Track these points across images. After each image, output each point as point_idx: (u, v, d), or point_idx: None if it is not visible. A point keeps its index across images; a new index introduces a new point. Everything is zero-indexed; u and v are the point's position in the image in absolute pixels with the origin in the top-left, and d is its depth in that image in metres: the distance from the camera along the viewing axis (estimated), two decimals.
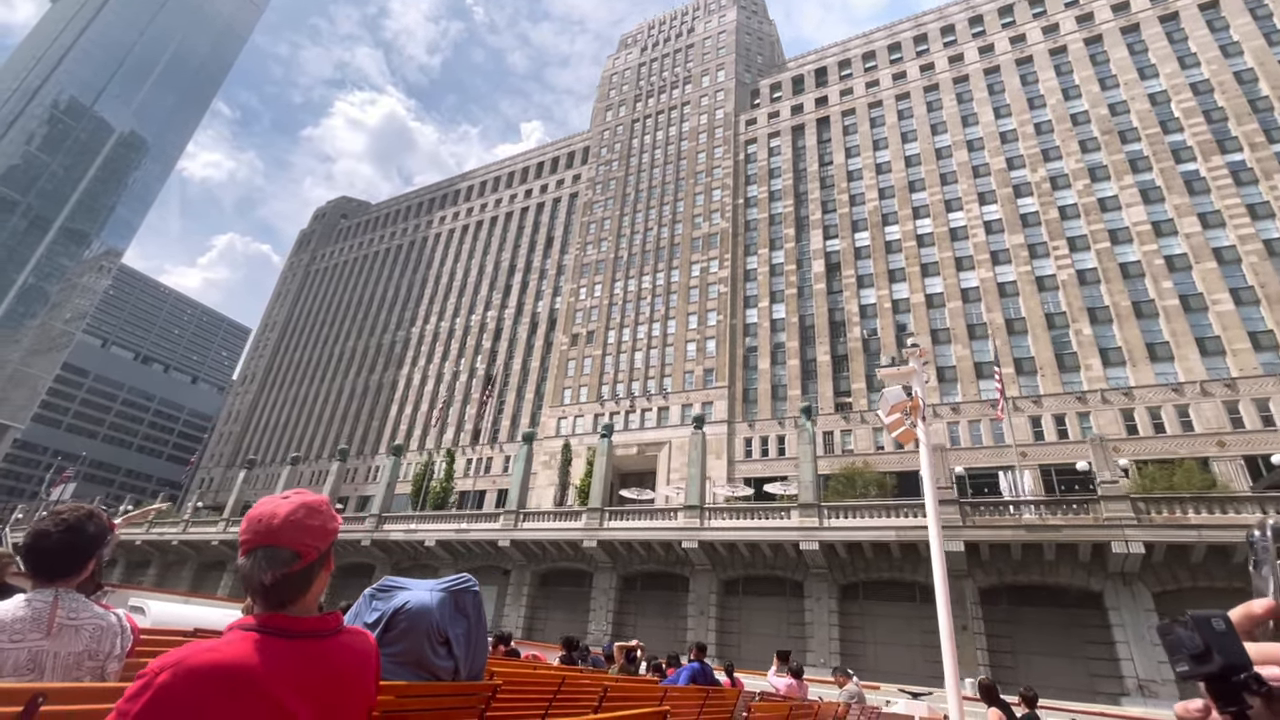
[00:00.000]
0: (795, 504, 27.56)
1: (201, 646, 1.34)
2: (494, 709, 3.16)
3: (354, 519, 42.73)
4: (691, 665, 8.62)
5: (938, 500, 9.15)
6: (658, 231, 72.46)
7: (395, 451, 44.16)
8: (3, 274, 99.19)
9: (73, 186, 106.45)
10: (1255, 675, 0.75)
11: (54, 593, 2.14)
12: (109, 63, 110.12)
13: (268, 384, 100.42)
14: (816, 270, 60.44)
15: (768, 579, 29.53)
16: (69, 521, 2.21)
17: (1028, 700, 8.60)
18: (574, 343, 70.61)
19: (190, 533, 49.86)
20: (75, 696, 1.84)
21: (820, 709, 9.34)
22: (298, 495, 1.57)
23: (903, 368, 10.20)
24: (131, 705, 1.22)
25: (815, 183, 65.46)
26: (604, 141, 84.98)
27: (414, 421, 79.37)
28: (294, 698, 1.37)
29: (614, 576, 32.71)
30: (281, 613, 1.48)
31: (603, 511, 32.78)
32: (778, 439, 54.40)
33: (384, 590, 3.00)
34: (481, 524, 36.29)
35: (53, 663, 2.05)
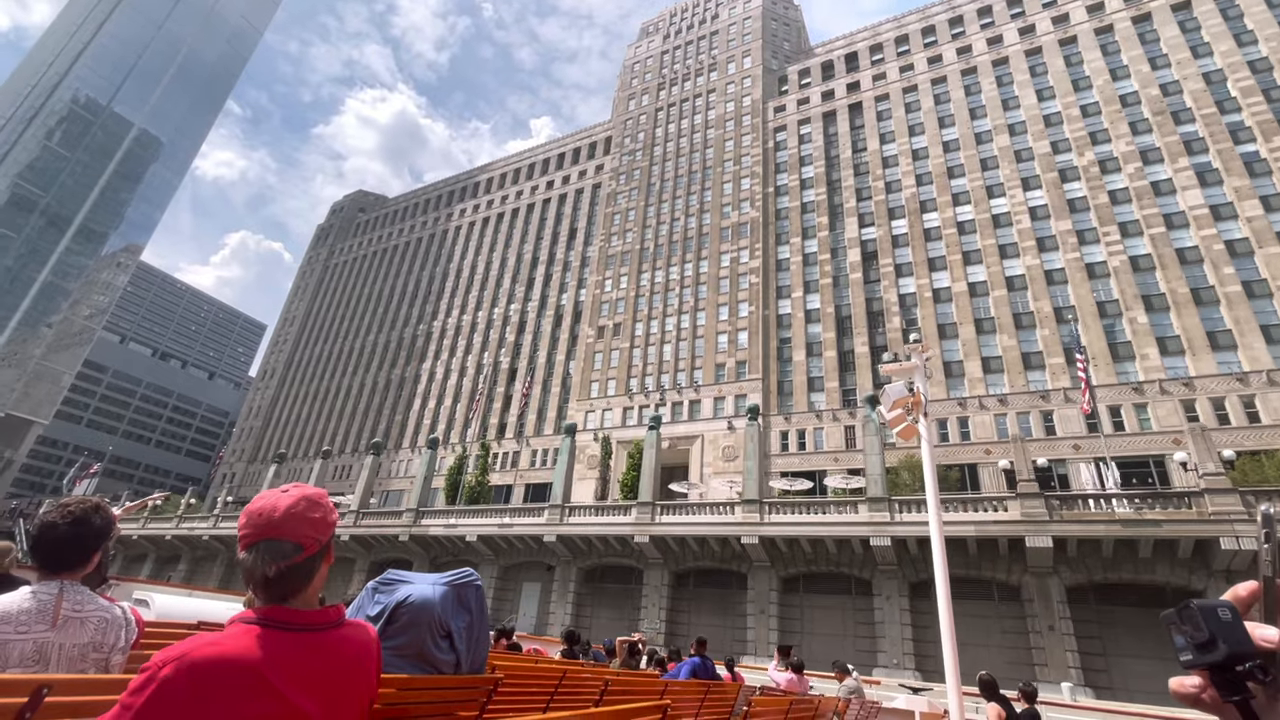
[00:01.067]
0: (862, 498, 26.34)
1: (204, 640, 1.33)
2: (495, 702, 3.15)
3: (389, 513, 41.95)
4: (692, 660, 8.71)
5: (939, 497, 9.02)
6: (684, 221, 71.12)
7: (431, 445, 43.29)
8: (24, 271, 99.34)
9: (91, 185, 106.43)
10: (1260, 664, 0.75)
11: (59, 585, 2.13)
12: (122, 65, 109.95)
13: (288, 379, 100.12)
14: (852, 259, 58.93)
15: (831, 576, 28.31)
16: (75, 514, 2.19)
17: (1027, 696, 8.63)
18: (600, 335, 69.52)
19: (221, 528, 49.28)
20: (80, 688, 1.82)
21: (821, 704, 9.31)
22: (297, 488, 1.56)
23: (905, 363, 10.18)
24: (135, 699, 1.22)
25: (849, 170, 63.85)
26: (626, 131, 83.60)
27: (437, 416, 78.66)
28: (296, 690, 1.36)
29: (665, 573, 31.60)
30: (283, 606, 1.47)
31: (654, 506, 31.66)
32: (814, 432, 53.10)
33: (386, 584, 3.00)
34: (525, 519, 35.28)
35: (58, 654, 2.05)
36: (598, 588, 34.66)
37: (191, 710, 1.24)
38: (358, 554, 43.07)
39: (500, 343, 79.44)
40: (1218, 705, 0.80)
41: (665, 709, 3.46)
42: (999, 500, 24.75)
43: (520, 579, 37.20)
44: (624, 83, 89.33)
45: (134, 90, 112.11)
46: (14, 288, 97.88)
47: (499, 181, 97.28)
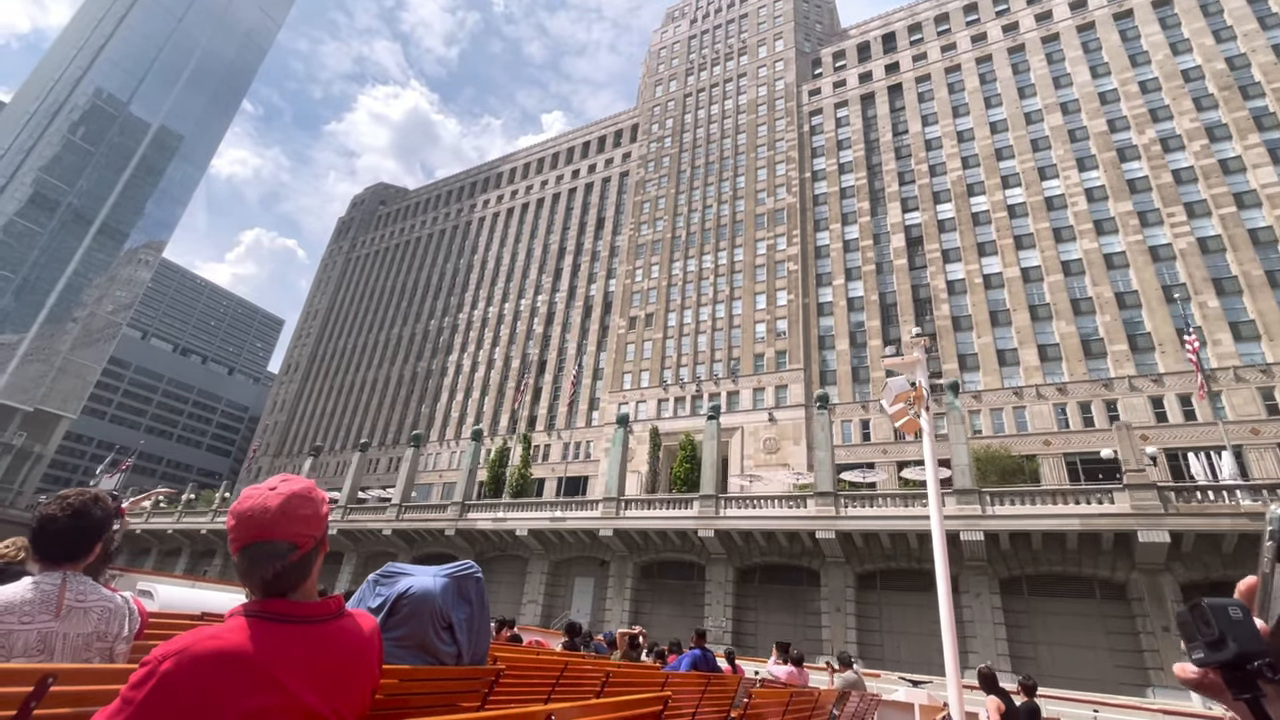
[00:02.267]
0: (948, 490, 24.88)
1: (205, 633, 1.33)
2: (497, 694, 3.12)
3: (433, 507, 40.93)
4: (693, 652, 8.71)
5: (940, 490, 9.03)
6: (717, 209, 69.46)
7: (475, 436, 42.19)
8: (49, 268, 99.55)
9: (113, 182, 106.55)
10: (1269, 662, 0.75)
11: (62, 575, 2.14)
12: (140, 65, 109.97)
13: (312, 373, 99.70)
14: (896, 245, 57.12)
15: (911, 572, 26.85)
16: (75, 506, 2.19)
17: (1026, 689, 8.66)
18: (632, 326, 68.19)
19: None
20: (84, 677, 1.83)
21: (821, 696, 9.32)
22: (285, 484, 1.52)
23: (907, 358, 10.18)
24: (136, 693, 1.22)
25: (889, 153, 61.89)
26: (654, 118, 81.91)
27: (465, 409, 77.77)
28: (297, 681, 1.37)
29: (729, 569, 30.28)
30: (282, 599, 1.46)
31: (717, 499, 30.30)
32: (861, 424, 51.55)
33: (387, 576, 2.99)
34: (579, 512, 34.07)
35: (62, 644, 2.06)
36: (656, 584, 33.43)
37: (193, 704, 1.22)
38: (400, 549, 42.14)
39: (528, 335, 78.32)
40: (1220, 689, 0.80)
41: (666, 700, 3.42)
42: (1104, 492, 23.19)
43: (572, 574, 36.07)
44: (650, 69, 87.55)
45: (152, 89, 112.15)
46: (39, 284, 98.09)
47: (522, 172, 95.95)
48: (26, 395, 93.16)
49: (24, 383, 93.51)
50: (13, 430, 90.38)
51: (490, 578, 39.69)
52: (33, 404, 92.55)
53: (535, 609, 35.05)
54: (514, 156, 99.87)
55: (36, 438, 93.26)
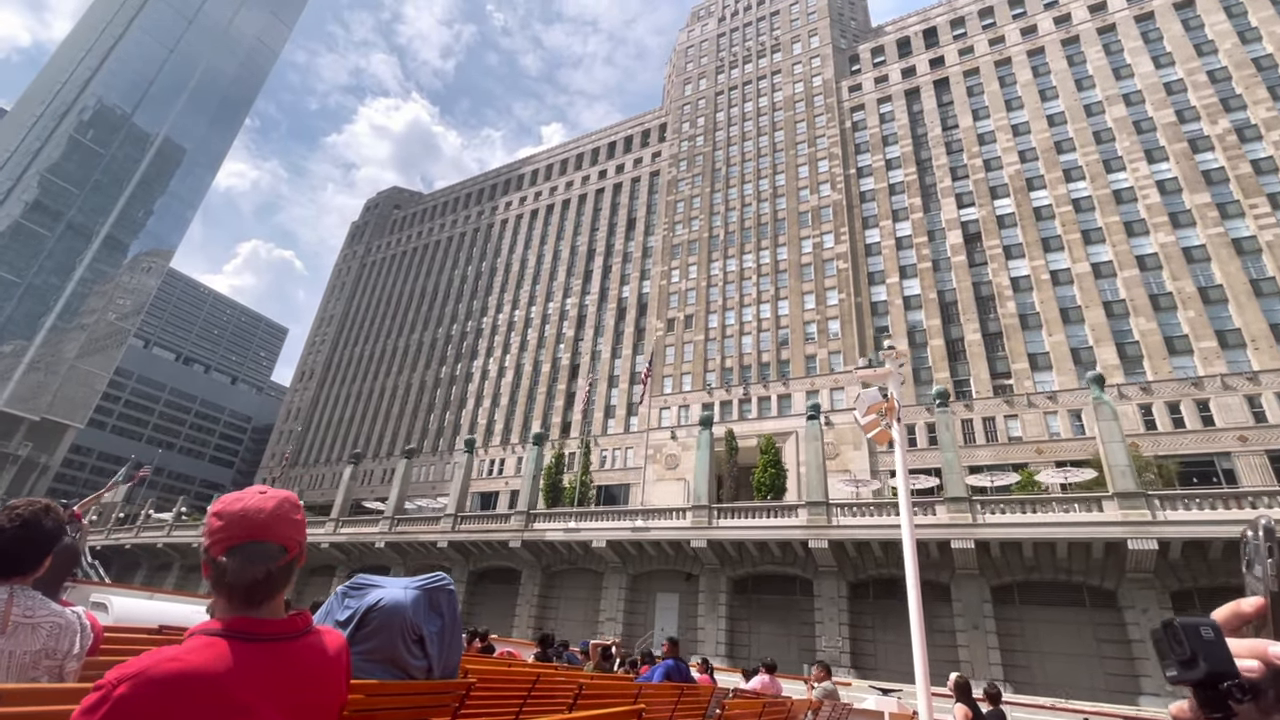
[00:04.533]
0: (1104, 493, 22.53)
1: (164, 655, 1.25)
2: (468, 707, 3.10)
3: (494, 518, 38.26)
4: (666, 663, 8.64)
5: (911, 497, 9.11)
6: (756, 206, 67.44)
7: (537, 440, 39.59)
8: (54, 274, 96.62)
9: (116, 192, 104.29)
10: (1239, 684, 0.76)
11: (9, 590, 2.05)
12: (140, 80, 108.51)
13: (328, 380, 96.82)
14: (953, 241, 55.12)
15: (1059, 585, 24.46)
16: (24, 517, 2.08)
17: (991, 697, 8.74)
18: (670, 328, 65.88)
19: None
20: (32, 698, 1.77)
21: (793, 705, 9.28)
22: (272, 491, 1.50)
23: (879, 369, 10.40)
24: (88, 718, 1.15)
25: (940, 148, 60.05)
26: (684, 116, 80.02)
27: (493, 416, 75.10)
28: (265, 704, 1.31)
29: (841, 583, 27.77)
30: (249, 615, 1.40)
31: (828, 506, 27.81)
32: (926, 426, 49.17)
33: (357, 588, 2.91)
34: (664, 521, 31.49)
35: (7, 662, 1.97)
36: (752, 600, 30.83)
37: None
38: (454, 562, 39.38)
39: (558, 338, 75.85)
40: None
41: (639, 713, 3.32)
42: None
43: (653, 589, 33.45)
44: (678, 67, 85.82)
45: (156, 103, 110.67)
46: (44, 291, 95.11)
47: (545, 173, 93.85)
48: (32, 404, 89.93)
49: (30, 392, 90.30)
50: (18, 440, 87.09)
51: (559, 593, 37.03)
52: (39, 413, 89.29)
53: (615, 628, 32.38)
54: (535, 158, 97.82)
55: (42, 448, 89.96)
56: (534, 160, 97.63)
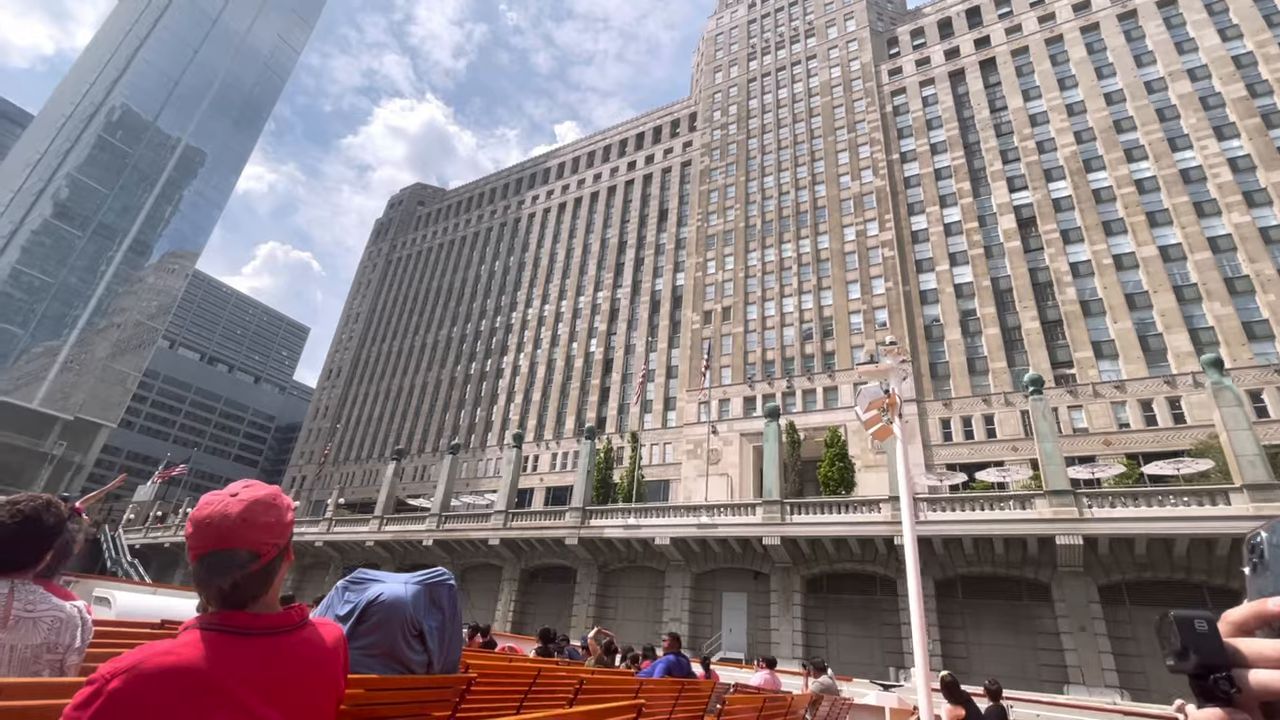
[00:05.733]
0: (1230, 485, 20.85)
1: (156, 649, 1.26)
2: (468, 702, 3.10)
3: (547, 514, 37.11)
4: (667, 658, 8.67)
5: (913, 495, 9.01)
6: (794, 195, 65.69)
7: (589, 435, 38.39)
8: (84, 275, 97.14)
9: (142, 195, 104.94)
10: (1228, 676, 0.78)
11: (9, 584, 2.06)
12: (162, 89, 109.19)
13: (356, 377, 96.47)
14: (1005, 227, 53.11)
15: (1175, 585, 22.75)
16: (25, 512, 2.11)
17: (991, 693, 8.62)
18: (707, 320, 64.39)
19: (335, 533, 45.00)
20: (34, 691, 1.80)
21: (793, 700, 9.21)
22: (248, 491, 1.46)
23: (880, 365, 10.21)
24: (82, 713, 1.16)
25: (988, 131, 57.95)
26: (715, 105, 78.36)
27: (525, 412, 74.11)
28: (257, 699, 1.31)
29: (927, 581, 26.23)
30: (241, 610, 1.40)
31: (914, 500, 26.26)
32: (984, 418, 47.41)
33: (357, 582, 2.95)
34: (733, 517, 30.10)
35: (9, 656, 1.98)
36: (829, 600, 29.38)
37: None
38: (505, 560, 38.28)
39: (590, 332, 74.66)
40: None
41: (640, 708, 3.31)
42: None
43: (718, 589, 32.12)
44: (707, 55, 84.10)
45: (178, 107, 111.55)
46: (74, 293, 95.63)
47: (572, 166, 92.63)
48: (65, 404, 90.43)
49: (62, 392, 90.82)
50: (53, 440, 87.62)
51: (617, 592, 35.80)
52: (72, 413, 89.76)
53: (680, 629, 31.11)
54: (561, 151, 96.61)
55: (76, 447, 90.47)
56: (560, 153, 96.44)
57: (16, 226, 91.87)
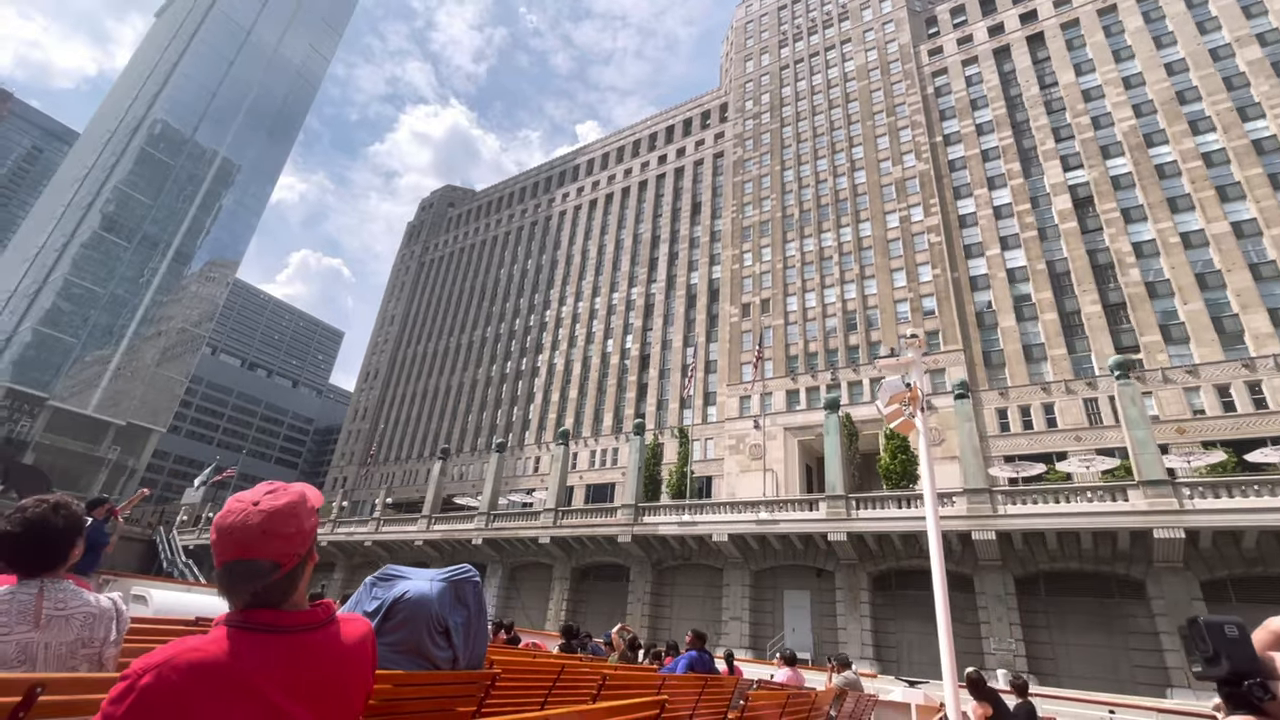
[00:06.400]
0: None
1: (186, 645, 1.30)
2: (493, 697, 3.15)
3: (598, 511, 36.66)
4: (689, 654, 8.62)
5: (936, 490, 8.66)
6: (832, 182, 64.09)
7: (637, 430, 37.85)
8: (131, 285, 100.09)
9: (184, 207, 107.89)
10: (1260, 683, 0.77)
11: (39, 584, 2.11)
12: (198, 104, 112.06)
13: (393, 379, 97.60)
14: (1060, 207, 50.91)
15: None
16: (31, 518, 2.16)
17: (1018, 688, 8.52)
18: (746, 313, 63.26)
19: (384, 533, 45.26)
20: (73, 686, 1.84)
21: (817, 697, 9.16)
22: (269, 499, 1.46)
23: (902, 358, 10.19)
24: (116, 708, 1.21)
25: (1038, 108, 55.64)
26: (747, 94, 77.01)
27: (562, 410, 73.90)
28: (285, 695, 1.35)
29: (1007, 577, 24.98)
30: (268, 608, 1.43)
31: (990, 493, 24.99)
32: (1043, 407, 45.48)
33: (384, 579, 2.99)
34: (795, 513, 29.17)
35: (44, 654, 2.04)
36: (896, 597, 28.28)
37: (174, 718, 1.21)
38: (556, 559, 37.91)
39: (625, 329, 74.09)
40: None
41: (663, 704, 3.39)
42: None
43: (778, 586, 31.21)
44: (737, 44, 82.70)
45: (214, 122, 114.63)
46: (121, 302, 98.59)
47: (601, 162, 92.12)
48: (117, 410, 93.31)
49: (114, 398, 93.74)
50: (107, 444, 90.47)
51: (672, 590, 35.14)
52: (125, 418, 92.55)
53: (740, 628, 30.30)
54: (590, 148, 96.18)
55: (130, 451, 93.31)
56: (588, 150, 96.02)
57: (68, 239, 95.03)
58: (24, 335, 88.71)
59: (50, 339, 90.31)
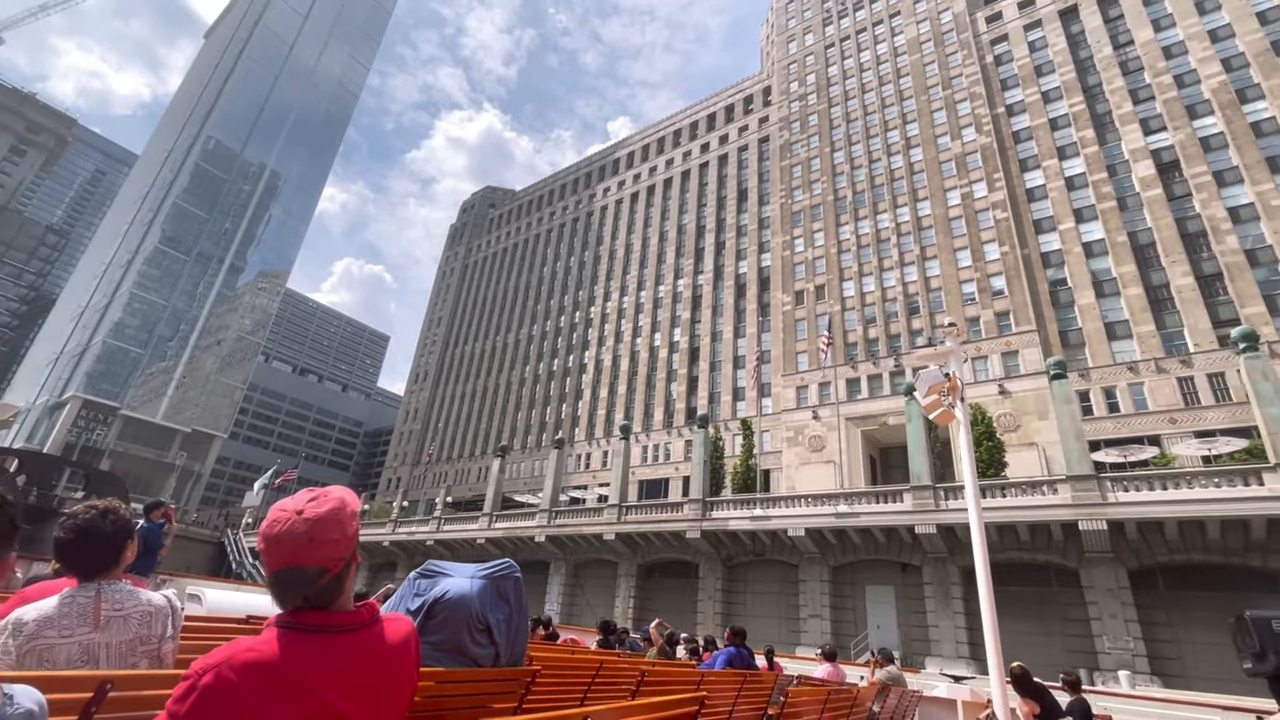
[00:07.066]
0: None
1: (242, 645, 1.38)
2: (533, 694, 3.16)
3: (664, 506, 35.71)
4: (728, 649, 8.61)
5: (977, 481, 8.58)
6: (886, 162, 61.51)
7: (701, 423, 36.74)
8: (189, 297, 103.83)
9: (237, 221, 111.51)
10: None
11: (96, 587, 2.18)
12: (244, 122, 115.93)
13: (442, 380, 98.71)
14: (1142, 174, 47.52)
15: None
16: (82, 525, 2.23)
17: (1071, 684, 8.25)
18: (799, 301, 61.29)
19: (445, 531, 45.31)
20: (138, 683, 1.92)
21: (859, 693, 8.86)
22: (313, 506, 1.51)
23: (940, 348, 10.19)
24: (180, 706, 1.29)
25: (1112, 70, 52.11)
26: (791, 75, 74.74)
27: (611, 405, 73.29)
28: (334, 691, 1.41)
29: (1120, 571, 22.95)
30: (316, 609, 1.50)
31: (1098, 481, 22.96)
32: (1130, 388, 42.49)
33: (428, 575, 3.04)
34: (878, 505, 27.57)
35: (105, 653, 2.11)
36: (995, 592, 26.37)
37: (232, 716, 1.29)
38: (621, 556, 37.11)
39: (673, 321, 72.94)
40: None
41: (702, 700, 3.28)
42: None
43: (859, 582, 29.68)
44: (778, 26, 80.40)
45: (260, 139, 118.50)
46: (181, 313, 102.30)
47: (641, 154, 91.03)
48: (182, 417, 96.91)
49: (179, 406, 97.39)
50: (175, 451, 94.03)
51: (743, 587, 33.95)
52: (190, 425, 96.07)
53: (820, 625, 28.89)
54: (629, 141, 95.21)
55: (195, 457, 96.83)
56: (628, 143, 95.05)
57: (132, 255, 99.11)
58: (95, 349, 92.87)
59: (119, 351, 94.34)
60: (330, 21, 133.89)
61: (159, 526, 7.73)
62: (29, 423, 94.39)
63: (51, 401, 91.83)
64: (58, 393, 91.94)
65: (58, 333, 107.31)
